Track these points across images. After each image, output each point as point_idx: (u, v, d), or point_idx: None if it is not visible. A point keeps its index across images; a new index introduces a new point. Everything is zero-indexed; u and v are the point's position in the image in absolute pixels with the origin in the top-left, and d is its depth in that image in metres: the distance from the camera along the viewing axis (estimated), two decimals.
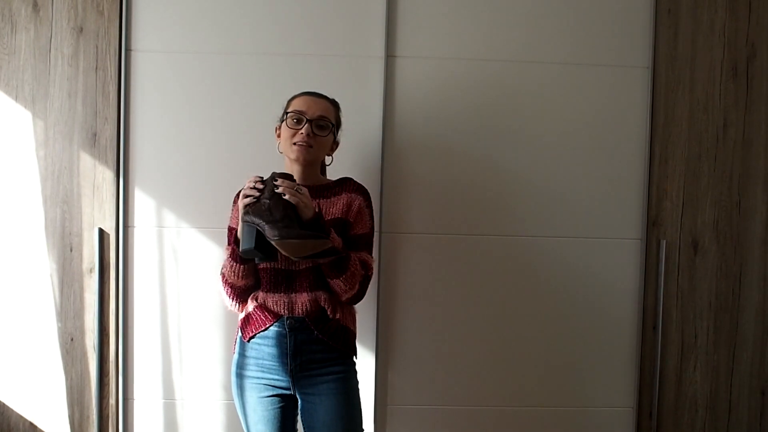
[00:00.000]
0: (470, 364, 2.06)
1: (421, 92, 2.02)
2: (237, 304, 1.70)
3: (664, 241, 2.07)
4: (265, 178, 1.56)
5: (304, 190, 1.55)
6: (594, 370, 2.10)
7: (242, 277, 1.64)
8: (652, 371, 2.10)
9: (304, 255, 1.51)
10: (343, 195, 1.69)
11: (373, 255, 1.74)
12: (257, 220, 1.50)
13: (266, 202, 1.51)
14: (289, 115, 1.66)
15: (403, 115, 2.02)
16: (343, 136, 1.79)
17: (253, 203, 1.52)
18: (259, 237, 1.50)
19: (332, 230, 1.59)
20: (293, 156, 1.65)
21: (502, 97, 2.03)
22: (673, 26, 2.05)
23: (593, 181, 2.06)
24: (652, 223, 2.08)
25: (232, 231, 1.71)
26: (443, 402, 2.07)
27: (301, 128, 1.64)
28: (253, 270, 1.64)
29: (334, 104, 1.73)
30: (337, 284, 1.61)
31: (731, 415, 2.13)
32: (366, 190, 1.75)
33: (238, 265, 1.61)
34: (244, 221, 1.53)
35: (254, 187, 1.53)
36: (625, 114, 2.06)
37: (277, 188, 1.51)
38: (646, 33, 2.05)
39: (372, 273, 1.70)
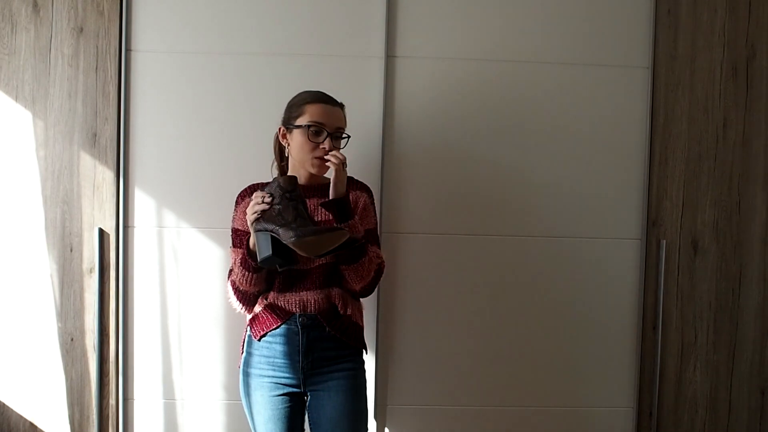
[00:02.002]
0: (470, 364, 2.07)
1: (421, 92, 2.02)
2: (245, 308, 1.70)
3: (664, 241, 2.07)
4: (268, 189, 1.54)
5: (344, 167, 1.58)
6: (594, 370, 2.10)
7: (254, 285, 1.62)
8: (652, 371, 2.10)
9: (323, 252, 1.48)
10: (348, 193, 1.70)
11: None
12: (270, 226, 1.48)
13: (276, 207, 1.49)
14: (310, 128, 1.62)
15: (403, 115, 2.02)
16: None
17: (263, 211, 1.50)
18: (275, 242, 1.49)
19: (355, 216, 1.59)
20: (313, 170, 1.64)
21: (501, 97, 2.03)
22: (673, 26, 2.05)
23: (593, 181, 2.06)
24: (652, 223, 2.08)
25: (237, 233, 1.70)
26: (443, 402, 2.07)
27: (322, 142, 1.61)
28: (265, 276, 1.63)
29: (342, 108, 1.70)
30: (354, 270, 1.61)
31: (731, 415, 2.13)
32: (368, 187, 1.77)
33: (250, 274, 1.59)
34: (256, 230, 1.51)
35: (263, 201, 1.51)
36: (625, 114, 2.06)
37: (327, 160, 1.57)
38: (646, 33, 2.05)
39: (384, 266, 1.69)
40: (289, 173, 1.73)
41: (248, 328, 1.72)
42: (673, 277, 2.09)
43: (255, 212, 1.51)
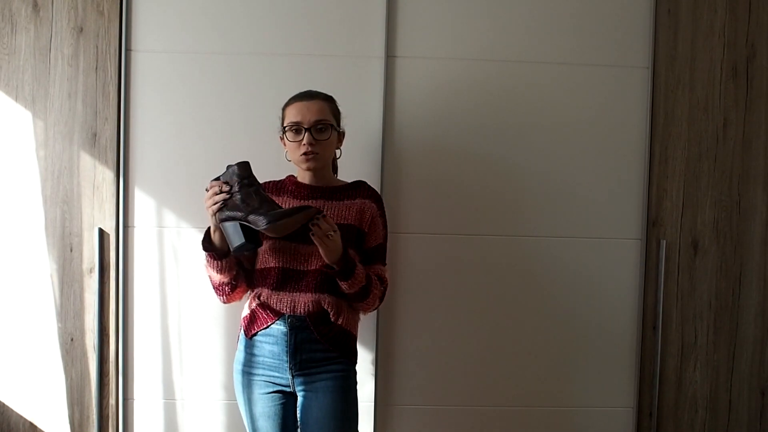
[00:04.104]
0: (470, 364, 2.06)
1: (421, 92, 2.02)
2: (227, 297, 1.73)
3: (664, 241, 2.07)
4: (224, 178, 1.58)
5: (336, 234, 1.56)
6: (594, 370, 2.10)
7: (227, 271, 1.66)
8: (652, 371, 2.10)
9: (291, 231, 1.55)
10: (357, 200, 1.71)
11: None
12: (238, 214, 1.53)
13: (237, 195, 1.54)
14: (286, 128, 1.67)
15: (403, 115, 2.02)
16: (343, 136, 1.79)
17: (225, 201, 1.55)
18: (245, 229, 1.54)
19: (357, 267, 1.62)
20: (304, 167, 1.68)
21: (502, 97, 2.03)
22: (673, 26, 2.05)
23: (593, 181, 2.06)
24: (652, 223, 2.08)
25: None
26: (443, 402, 2.07)
27: (302, 139, 1.64)
28: (235, 262, 1.67)
29: (328, 99, 1.71)
30: (361, 306, 1.69)
31: (731, 415, 2.13)
32: (379, 196, 1.77)
33: (218, 261, 1.64)
34: (222, 220, 1.55)
35: (221, 191, 1.55)
36: (625, 114, 2.06)
37: (312, 233, 1.54)
38: (646, 33, 2.05)
39: (388, 283, 1.76)
40: (298, 175, 1.75)
41: (242, 326, 1.73)
42: (673, 277, 2.09)
43: (216, 202, 1.55)
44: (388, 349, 2.05)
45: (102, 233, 2.00)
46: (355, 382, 1.72)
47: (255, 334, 1.67)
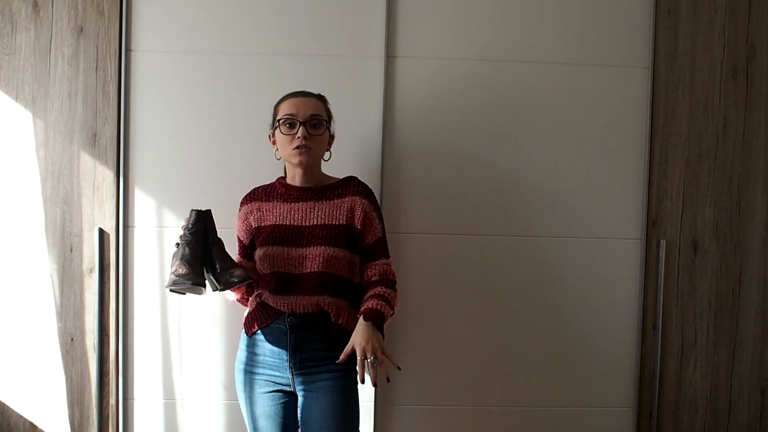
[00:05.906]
0: (470, 364, 2.06)
1: (421, 92, 2.02)
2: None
3: (664, 241, 2.07)
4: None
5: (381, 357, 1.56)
6: (594, 370, 2.10)
7: (235, 290, 1.71)
8: (652, 371, 2.10)
9: (203, 293, 1.61)
10: (347, 198, 1.68)
11: None
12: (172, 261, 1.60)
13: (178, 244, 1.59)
14: (281, 121, 1.65)
15: (403, 115, 2.02)
16: (343, 136, 1.79)
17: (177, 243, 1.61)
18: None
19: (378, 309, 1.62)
20: (295, 161, 1.65)
21: (501, 97, 2.03)
22: (673, 26, 2.05)
23: (593, 181, 2.06)
24: (652, 223, 2.08)
25: (240, 241, 1.75)
26: (443, 402, 2.07)
27: (296, 132, 1.63)
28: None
29: (321, 99, 1.71)
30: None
31: (731, 415, 2.13)
32: (370, 190, 1.74)
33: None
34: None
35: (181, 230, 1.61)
36: (625, 114, 2.06)
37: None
38: (646, 33, 2.05)
39: (395, 277, 1.73)
40: (287, 176, 1.74)
41: (243, 325, 1.73)
42: (673, 276, 2.09)
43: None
44: (388, 349, 2.04)
45: (102, 233, 2.00)
46: (356, 382, 1.71)
47: (255, 333, 1.67)
